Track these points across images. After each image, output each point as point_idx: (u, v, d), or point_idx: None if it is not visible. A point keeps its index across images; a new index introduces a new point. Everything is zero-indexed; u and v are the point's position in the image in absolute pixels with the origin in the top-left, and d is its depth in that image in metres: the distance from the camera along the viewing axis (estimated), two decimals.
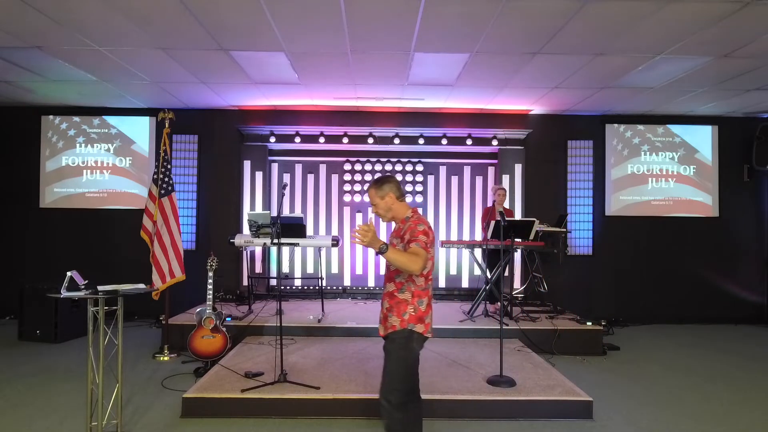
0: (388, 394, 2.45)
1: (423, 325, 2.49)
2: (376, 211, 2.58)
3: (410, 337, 2.47)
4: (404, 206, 2.60)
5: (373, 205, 2.59)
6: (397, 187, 2.58)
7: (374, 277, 6.89)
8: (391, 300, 2.54)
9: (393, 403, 2.44)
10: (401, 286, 2.51)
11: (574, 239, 6.84)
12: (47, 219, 6.69)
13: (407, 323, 2.46)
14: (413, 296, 2.50)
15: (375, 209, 2.58)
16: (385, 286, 2.61)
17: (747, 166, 6.86)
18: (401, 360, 2.48)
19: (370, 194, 2.59)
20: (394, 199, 2.55)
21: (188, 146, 6.77)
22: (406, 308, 2.48)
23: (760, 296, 6.85)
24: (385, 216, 2.59)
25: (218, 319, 4.38)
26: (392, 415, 2.45)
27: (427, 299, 2.54)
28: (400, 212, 2.58)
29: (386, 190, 2.55)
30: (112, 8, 3.69)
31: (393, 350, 2.49)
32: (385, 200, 2.54)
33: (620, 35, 4.10)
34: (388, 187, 2.55)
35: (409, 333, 2.47)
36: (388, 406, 2.44)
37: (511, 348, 4.64)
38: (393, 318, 2.50)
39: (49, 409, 3.51)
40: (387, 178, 2.61)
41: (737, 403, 3.80)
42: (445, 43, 4.32)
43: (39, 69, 5.11)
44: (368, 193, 2.60)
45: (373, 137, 6.63)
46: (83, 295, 2.83)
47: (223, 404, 3.38)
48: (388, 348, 2.52)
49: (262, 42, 4.34)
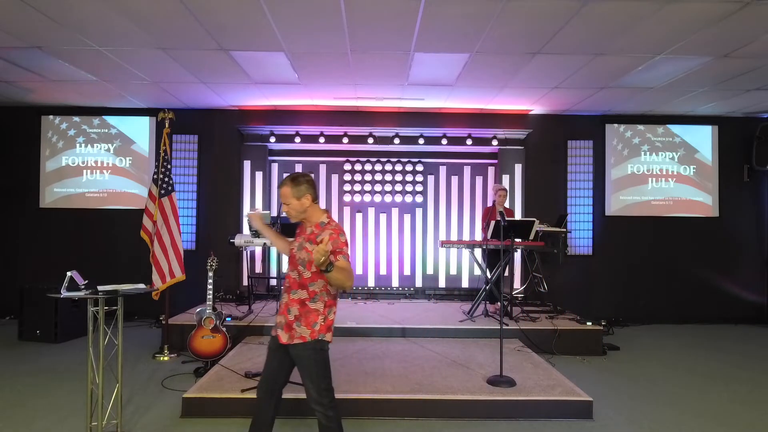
0: (321, 398, 2.38)
1: (330, 333, 2.44)
2: (288, 210, 2.41)
3: (321, 343, 2.40)
4: (318, 209, 2.48)
5: (284, 204, 2.41)
6: (314, 188, 2.45)
7: (374, 277, 6.89)
8: (301, 308, 2.38)
9: (326, 404, 2.40)
10: (314, 295, 2.39)
11: (574, 239, 6.84)
12: (47, 219, 6.69)
13: (317, 334, 2.37)
14: (325, 306, 2.41)
15: (287, 208, 2.41)
16: (293, 290, 2.41)
17: (747, 166, 6.86)
18: (319, 362, 2.40)
19: (284, 192, 2.39)
20: (310, 200, 2.42)
21: (188, 146, 6.77)
22: (317, 318, 2.38)
23: (760, 296, 6.85)
24: (297, 217, 2.45)
25: (218, 319, 4.38)
26: (329, 416, 2.41)
27: (335, 307, 2.48)
28: (314, 215, 2.46)
29: (304, 190, 2.40)
30: (112, 8, 3.69)
31: (307, 357, 2.38)
32: (301, 201, 2.40)
33: (620, 35, 4.10)
34: (305, 187, 2.41)
35: (320, 342, 2.39)
36: (323, 409, 2.39)
37: (511, 348, 4.64)
38: (302, 328, 2.37)
39: (49, 409, 3.51)
40: (304, 176, 2.45)
41: (737, 403, 3.80)
42: (445, 43, 4.32)
43: (39, 69, 5.11)
44: (281, 190, 2.40)
45: (373, 137, 6.63)
46: (83, 295, 2.83)
47: (223, 404, 3.37)
48: (300, 355, 2.39)
49: (262, 42, 4.34)
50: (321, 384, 2.40)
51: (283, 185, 2.42)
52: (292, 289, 2.43)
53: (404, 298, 6.80)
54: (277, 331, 2.46)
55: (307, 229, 2.48)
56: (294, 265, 2.43)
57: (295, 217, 2.48)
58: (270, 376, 2.50)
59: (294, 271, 2.43)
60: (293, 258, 2.45)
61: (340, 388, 3.54)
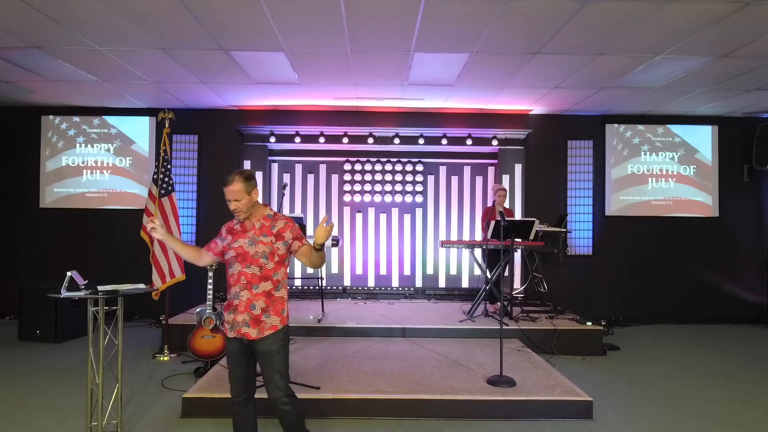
0: (287, 390, 2.45)
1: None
2: (238, 206, 2.42)
3: (287, 331, 2.51)
4: (262, 204, 2.56)
5: (235, 200, 2.41)
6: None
7: (374, 277, 6.89)
8: (267, 299, 2.42)
9: (290, 391, 2.48)
10: (278, 284, 2.47)
11: (574, 239, 6.84)
12: (47, 219, 6.69)
13: (287, 320, 2.50)
14: (286, 293, 2.54)
15: (238, 205, 2.41)
16: (255, 285, 2.42)
17: (747, 166, 6.86)
18: (285, 354, 2.48)
19: (235, 188, 2.40)
20: (257, 195, 2.51)
21: (188, 146, 6.77)
22: (283, 305, 2.49)
23: (760, 296, 6.85)
24: (246, 213, 2.46)
25: (218, 319, 4.38)
26: (295, 401, 2.48)
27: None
28: (260, 210, 2.52)
29: (254, 185, 2.48)
30: (112, 8, 3.70)
31: (277, 349, 2.43)
32: (251, 196, 2.45)
33: (620, 35, 4.10)
34: (254, 182, 2.49)
35: (287, 328, 2.51)
36: (289, 398, 2.46)
37: (511, 348, 4.64)
38: (271, 318, 2.42)
39: (49, 409, 3.51)
40: (252, 173, 2.51)
41: (737, 403, 3.80)
42: (445, 43, 4.32)
43: (39, 69, 5.11)
44: (232, 186, 2.40)
45: (373, 137, 6.63)
46: (83, 295, 2.83)
47: (223, 404, 3.36)
48: (269, 349, 2.41)
49: (261, 42, 4.34)
50: (285, 371, 2.48)
51: (233, 182, 2.41)
52: (253, 284, 2.42)
53: (404, 298, 6.80)
54: (242, 330, 2.41)
55: (255, 224, 2.49)
56: (250, 261, 2.42)
57: (245, 213, 2.46)
58: (242, 379, 2.49)
59: (252, 266, 2.42)
60: (246, 255, 2.43)
61: (340, 388, 3.55)
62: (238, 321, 2.42)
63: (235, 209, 2.44)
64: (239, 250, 2.44)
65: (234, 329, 2.43)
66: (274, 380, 2.43)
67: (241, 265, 2.44)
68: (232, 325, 2.44)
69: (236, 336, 2.43)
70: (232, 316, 2.45)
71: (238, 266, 2.44)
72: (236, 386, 2.49)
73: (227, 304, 2.51)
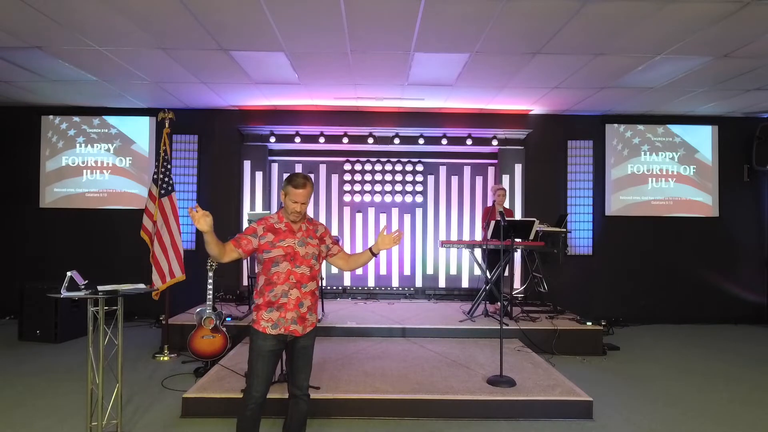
0: (309, 383, 2.62)
1: None
2: (301, 210, 2.48)
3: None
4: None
5: (302, 203, 2.47)
6: None
7: (374, 277, 6.89)
8: (312, 298, 2.56)
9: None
10: (317, 282, 2.64)
11: (574, 239, 6.84)
12: (47, 219, 6.69)
13: (319, 314, 2.68)
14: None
15: (302, 208, 2.48)
16: (304, 284, 2.50)
17: (747, 166, 6.86)
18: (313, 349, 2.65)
19: (307, 192, 2.47)
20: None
21: (188, 146, 6.77)
22: (318, 303, 2.73)
23: (760, 296, 6.85)
24: (304, 216, 2.55)
25: (218, 319, 4.38)
26: (309, 399, 2.63)
27: None
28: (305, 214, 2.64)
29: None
30: (112, 8, 3.69)
31: (312, 344, 2.59)
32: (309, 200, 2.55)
33: (620, 35, 4.10)
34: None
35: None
36: (306, 396, 2.60)
37: (511, 348, 4.64)
38: (313, 316, 2.57)
39: (49, 409, 3.51)
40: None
41: (737, 403, 3.80)
42: (445, 43, 4.32)
43: (39, 69, 5.11)
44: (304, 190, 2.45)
45: (373, 137, 6.63)
46: (83, 295, 2.83)
47: (223, 404, 3.37)
48: (307, 344, 2.55)
49: (262, 42, 4.34)
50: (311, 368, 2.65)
51: (306, 186, 2.47)
52: (302, 284, 2.49)
53: (404, 298, 6.80)
54: (290, 327, 2.44)
55: (302, 226, 2.56)
56: (300, 261, 2.49)
57: (302, 218, 2.54)
58: (268, 380, 2.50)
59: (302, 266, 2.50)
60: (296, 255, 2.48)
61: (340, 388, 3.55)
62: (287, 318, 2.44)
63: (301, 211, 2.49)
64: (288, 249, 2.48)
65: (279, 326, 2.44)
66: (306, 372, 2.58)
67: (291, 264, 2.47)
68: (275, 322, 2.43)
69: (281, 333, 2.44)
70: (276, 313, 2.44)
71: (287, 265, 2.46)
72: (260, 387, 2.45)
73: (266, 302, 2.45)
